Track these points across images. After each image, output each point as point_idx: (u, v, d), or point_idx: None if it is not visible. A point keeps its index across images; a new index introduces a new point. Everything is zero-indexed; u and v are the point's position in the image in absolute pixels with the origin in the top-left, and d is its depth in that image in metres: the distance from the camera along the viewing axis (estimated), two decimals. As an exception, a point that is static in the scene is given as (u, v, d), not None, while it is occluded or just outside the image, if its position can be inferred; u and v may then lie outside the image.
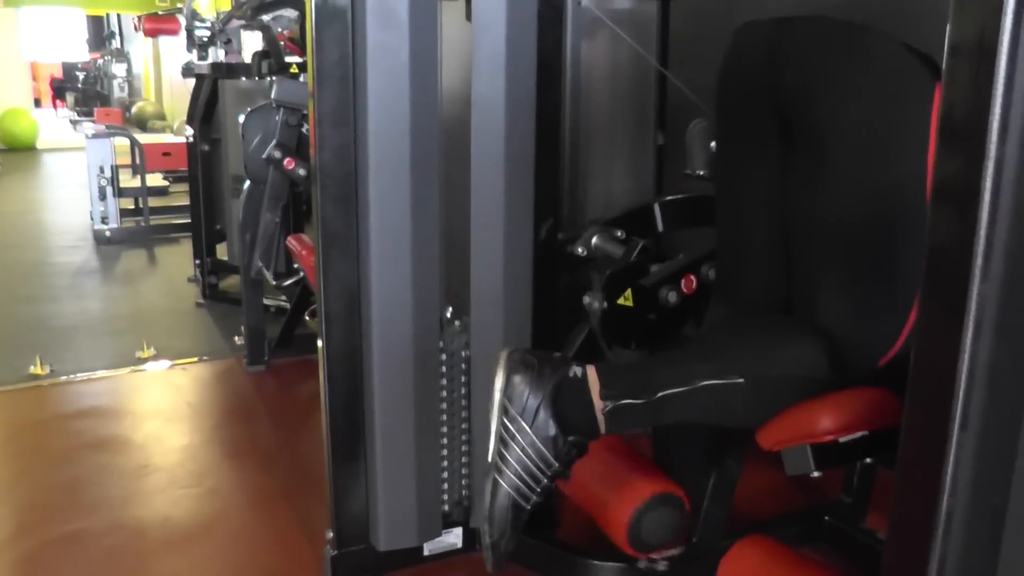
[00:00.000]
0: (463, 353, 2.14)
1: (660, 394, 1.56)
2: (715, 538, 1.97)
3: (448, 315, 2.13)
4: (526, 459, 1.59)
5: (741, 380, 1.55)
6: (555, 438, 1.58)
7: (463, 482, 2.24)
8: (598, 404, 1.58)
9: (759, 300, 1.80)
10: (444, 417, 2.16)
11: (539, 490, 1.61)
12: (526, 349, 1.67)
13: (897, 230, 1.50)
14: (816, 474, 1.53)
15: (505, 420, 1.59)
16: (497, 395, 1.60)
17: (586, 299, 2.09)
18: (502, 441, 1.60)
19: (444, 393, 2.15)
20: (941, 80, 1.42)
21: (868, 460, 1.83)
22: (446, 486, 2.21)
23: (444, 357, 2.12)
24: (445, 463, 2.19)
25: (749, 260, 1.81)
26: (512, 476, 1.59)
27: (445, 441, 2.18)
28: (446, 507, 2.22)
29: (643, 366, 1.68)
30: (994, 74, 0.79)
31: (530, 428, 1.58)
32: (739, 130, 1.79)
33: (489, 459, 1.62)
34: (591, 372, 1.60)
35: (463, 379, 2.16)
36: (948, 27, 0.83)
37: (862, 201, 1.53)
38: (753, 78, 1.71)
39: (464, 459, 2.22)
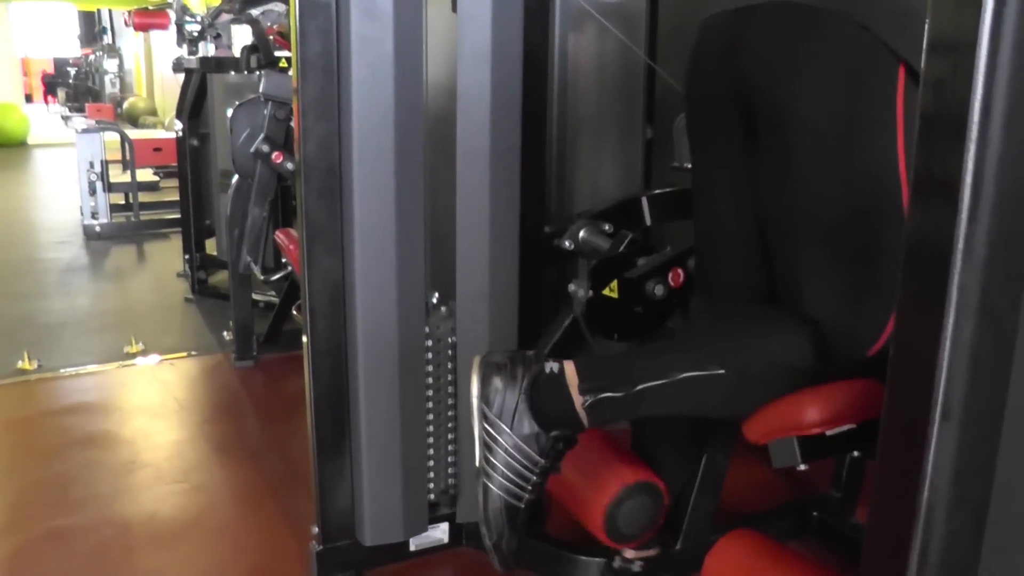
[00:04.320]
0: (449, 339, 2.13)
1: (640, 387, 1.55)
2: (702, 532, 1.96)
3: (434, 301, 2.12)
4: (511, 460, 1.58)
5: (722, 371, 1.53)
6: (537, 435, 1.57)
7: (449, 470, 2.22)
8: (577, 399, 1.56)
9: (738, 293, 1.78)
10: (430, 406, 2.15)
11: (530, 488, 1.60)
12: (498, 351, 1.66)
13: (872, 216, 1.48)
14: (802, 467, 1.52)
15: (485, 424, 1.59)
16: (475, 401, 1.60)
17: (571, 287, 2.08)
18: (486, 446, 1.59)
19: (430, 381, 2.14)
20: (904, 61, 1.43)
21: (855, 453, 1.82)
22: (432, 474, 2.20)
23: (430, 343, 2.11)
24: (431, 451, 2.18)
25: (723, 254, 1.79)
26: (500, 478, 1.58)
27: (431, 428, 2.17)
28: (432, 496, 2.20)
29: (622, 358, 1.67)
30: (974, 66, 0.78)
31: (510, 429, 1.57)
32: (705, 123, 1.77)
33: (476, 464, 1.61)
34: (568, 367, 1.59)
35: (449, 366, 2.15)
36: (927, 21, 0.82)
37: (833, 189, 1.51)
38: (715, 70, 1.69)
39: (451, 447, 2.21)
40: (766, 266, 1.71)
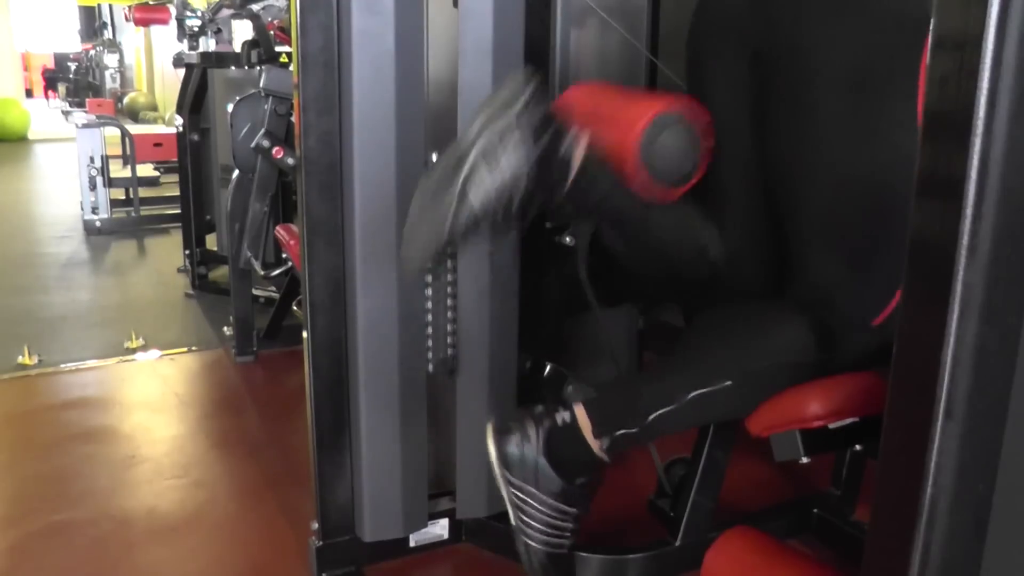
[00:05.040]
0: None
1: (651, 417, 1.55)
2: (702, 529, 1.96)
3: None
4: (545, 516, 1.61)
5: (729, 382, 1.53)
6: (564, 489, 1.59)
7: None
8: (594, 444, 1.58)
9: (743, 262, 1.75)
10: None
11: (568, 534, 1.63)
12: (505, 417, 1.67)
13: (887, 178, 1.45)
14: (805, 460, 1.52)
15: (512, 490, 1.60)
16: (497, 469, 1.62)
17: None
18: (517, 508, 1.62)
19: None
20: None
21: (858, 447, 1.81)
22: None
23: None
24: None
25: (728, 218, 1.73)
26: (539, 535, 1.61)
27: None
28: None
29: (628, 388, 1.67)
30: (979, 62, 0.77)
31: (536, 489, 1.58)
32: (711, 80, 1.71)
33: (512, 524, 1.64)
34: (579, 413, 1.60)
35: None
36: (933, 17, 0.82)
37: (849, 149, 1.48)
38: (727, 21, 1.65)
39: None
40: (774, 234, 1.66)
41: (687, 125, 1.67)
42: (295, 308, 3.90)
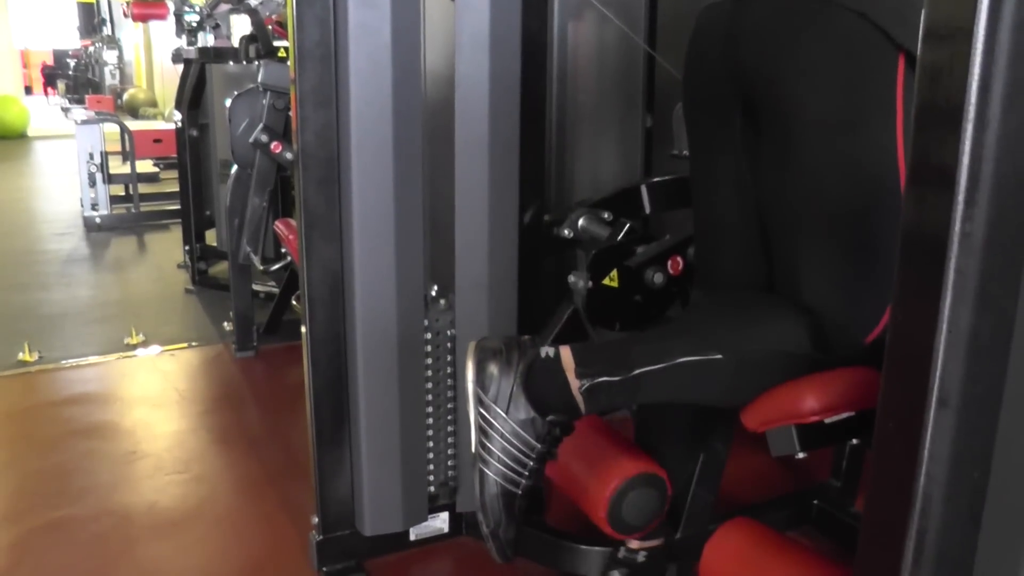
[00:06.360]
0: (448, 332, 2.13)
1: (637, 371, 1.54)
2: (702, 521, 1.96)
3: (433, 293, 2.12)
4: (507, 445, 1.57)
5: (719, 356, 1.53)
6: (533, 420, 1.57)
7: (449, 462, 2.22)
8: (574, 384, 1.56)
9: (737, 282, 1.78)
10: (430, 397, 2.15)
11: (527, 474, 1.59)
12: (494, 336, 1.65)
13: (871, 206, 1.48)
14: (801, 455, 1.51)
15: (481, 410, 1.58)
16: (470, 386, 1.59)
17: (571, 278, 2.07)
18: (482, 431, 1.59)
19: (429, 373, 2.13)
20: (903, 50, 1.43)
21: (854, 441, 1.81)
22: (431, 466, 2.20)
23: (429, 336, 2.11)
24: (431, 442, 2.18)
25: (723, 242, 1.78)
26: (497, 464, 1.58)
27: (431, 421, 2.17)
28: (432, 488, 2.20)
29: (619, 343, 1.66)
30: (971, 52, 0.77)
31: (506, 414, 1.56)
32: (704, 113, 1.75)
33: (472, 450, 1.61)
34: (565, 352, 1.58)
35: (448, 358, 2.15)
36: (924, 7, 0.82)
37: (833, 178, 1.50)
38: (713, 59, 1.67)
39: (450, 439, 2.21)
40: (766, 255, 1.71)
41: (649, 484, 1.81)
42: (295, 303, 3.90)
